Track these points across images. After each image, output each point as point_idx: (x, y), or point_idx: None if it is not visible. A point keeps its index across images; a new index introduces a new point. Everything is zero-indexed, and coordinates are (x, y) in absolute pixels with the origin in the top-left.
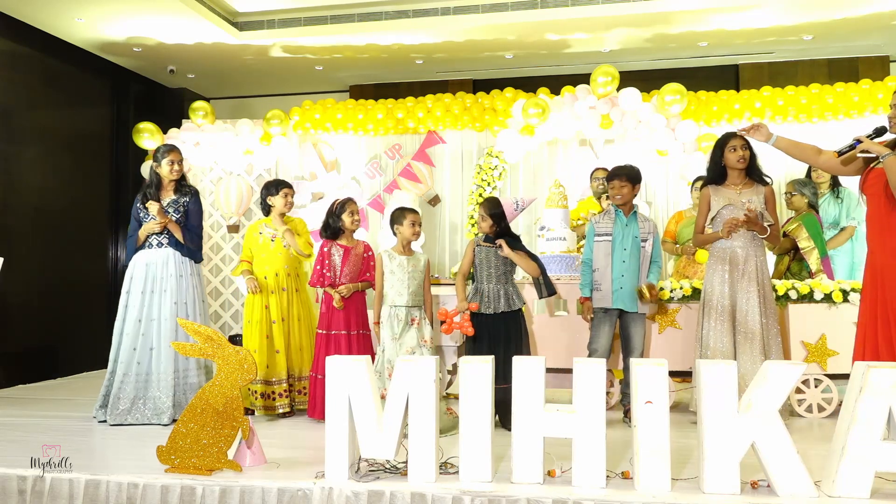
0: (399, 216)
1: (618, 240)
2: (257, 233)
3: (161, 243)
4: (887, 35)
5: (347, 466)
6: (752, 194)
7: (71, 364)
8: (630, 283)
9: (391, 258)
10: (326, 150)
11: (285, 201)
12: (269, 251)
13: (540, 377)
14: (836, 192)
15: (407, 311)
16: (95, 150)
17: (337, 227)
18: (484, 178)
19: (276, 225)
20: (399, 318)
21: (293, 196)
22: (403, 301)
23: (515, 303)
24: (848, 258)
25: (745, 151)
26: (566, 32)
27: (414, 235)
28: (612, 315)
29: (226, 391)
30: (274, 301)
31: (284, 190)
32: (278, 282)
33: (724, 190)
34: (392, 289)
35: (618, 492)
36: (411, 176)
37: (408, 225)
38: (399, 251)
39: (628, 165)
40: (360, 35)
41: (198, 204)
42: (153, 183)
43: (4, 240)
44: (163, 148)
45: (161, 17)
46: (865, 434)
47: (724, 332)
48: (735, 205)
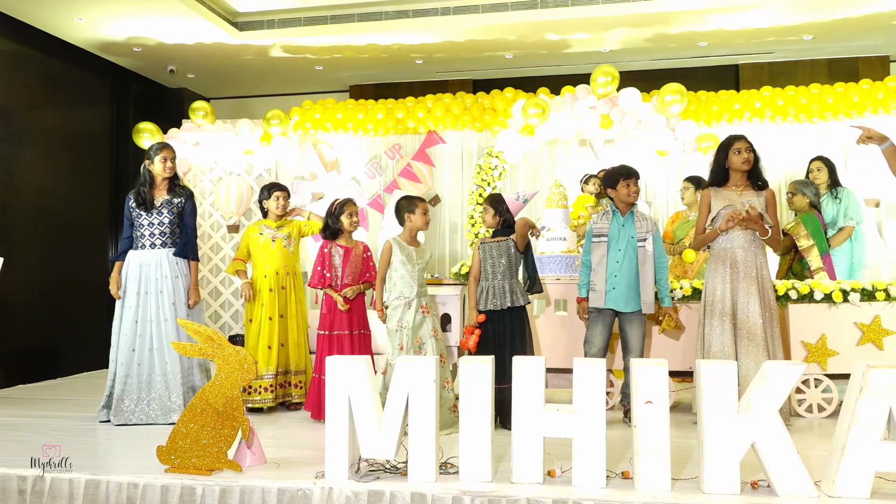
0: (409, 205)
1: (613, 240)
2: (257, 233)
3: (154, 244)
4: (887, 35)
5: (347, 466)
6: (753, 196)
7: (71, 364)
8: (624, 283)
9: (401, 248)
10: (326, 150)
11: (277, 203)
12: (269, 251)
13: (540, 377)
14: (833, 193)
15: (417, 300)
16: (95, 150)
17: (336, 229)
18: (484, 178)
19: (279, 222)
20: (410, 307)
21: (286, 199)
22: (413, 293)
23: (520, 299)
24: (847, 258)
25: (749, 154)
26: (566, 32)
27: (425, 225)
28: (605, 315)
29: (226, 391)
30: (272, 298)
31: (276, 193)
32: (278, 280)
33: (725, 192)
34: (401, 279)
35: (618, 492)
36: (411, 176)
37: (420, 214)
38: (408, 241)
39: (627, 165)
40: (360, 35)
41: (193, 205)
42: (146, 181)
43: (4, 240)
44: (156, 145)
45: (161, 17)
46: (865, 434)
47: (726, 332)
48: (735, 205)
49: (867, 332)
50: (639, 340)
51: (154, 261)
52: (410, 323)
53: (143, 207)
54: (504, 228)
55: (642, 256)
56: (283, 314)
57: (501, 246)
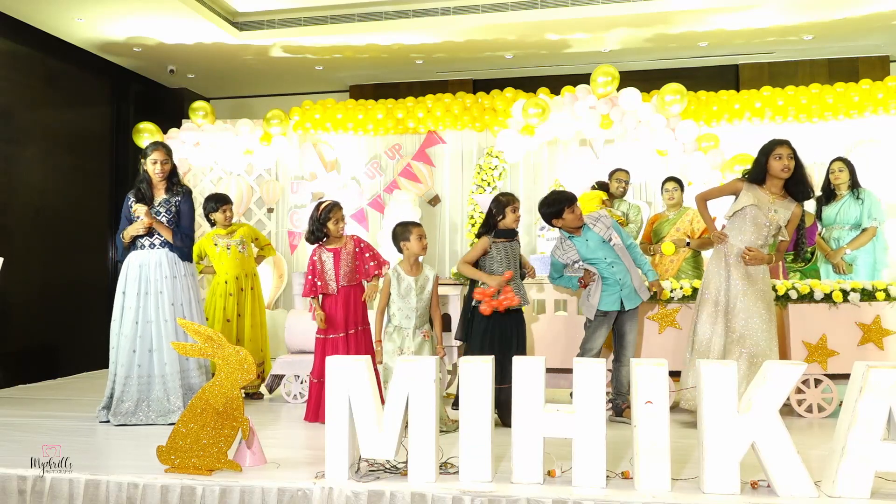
0: (404, 232)
1: (590, 255)
2: (212, 244)
3: (153, 244)
4: (887, 35)
5: (347, 466)
6: (781, 207)
7: (71, 364)
8: (627, 277)
9: (400, 280)
10: (326, 150)
11: (225, 216)
12: (226, 259)
13: (540, 377)
14: (855, 194)
15: (414, 331)
16: (95, 150)
17: (321, 235)
18: (484, 178)
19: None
20: (406, 335)
21: (231, 210)
22: (411, 324)
23: (525, 300)
24: (871, 257)
25: (791, 161)
26: (566, 32)
27: (423, 250)
28: (610, 318)
29: (226, 391)
30: (231, 302)
31: (223, 207)
32: (237, 284)
33: (759, 191)
34: (399, 311)
35: (618, 492)
36: (411, 176)
37: (415, 240)
38: (407, 270)
39: (558, 191)
40: (360, 35)
41: (189, 203)
42: (146, 180)
43: (4, 240)
44: (150, 146)
45: (161, 17)
46: (865, 434)
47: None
48: (761, 208)
49: (867, 332)
50: (635, 335)
51: (154, 261)
52: (411, 349)
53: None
54: (506, 231)
55: (620, 251)
56: (240, 313)
57: (513, 246)
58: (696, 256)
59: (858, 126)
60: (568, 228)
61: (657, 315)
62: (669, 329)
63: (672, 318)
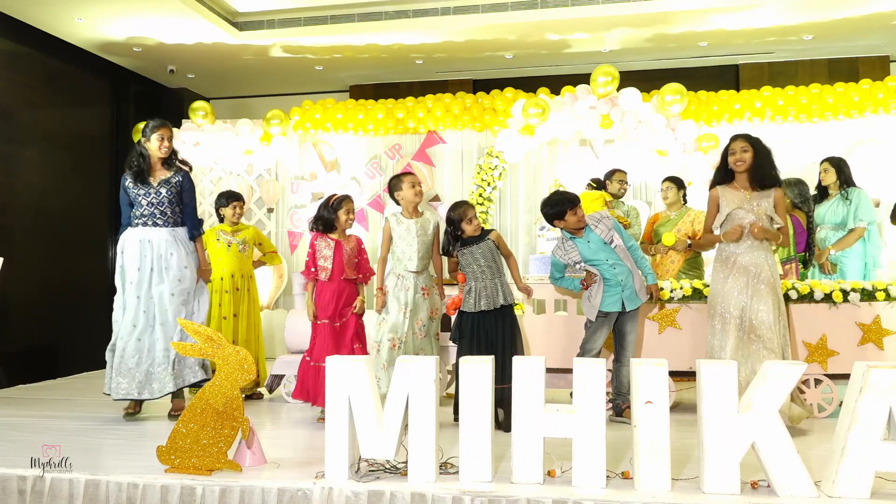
0: (396, 183)
1: (592, 256)
2: (214, 238)
3: (155, 223)
4: (887, 35)
5: (347, 466)
6: (761, 197)
7: (71, 364)
8: (629, 278)
9: (398, 222)
10: (326, 150)
11: (234, 212)
12: (225, 255)
13: (540, 377)
14: (844, 194)
15: (415, 278)
16: (95, 150)
17: (330, 221)
18: (484, 178)
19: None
20: (408, 287)
21: (242, 208)
22: (413, 266)
23: (509, 298)
24: (859, 260)
25: (744, 154)
26: (566, 32)
27: (416, 196)
28: (610, 318)
29: (226, 391)
30: (227, 300)
31: (234, 202)
32: (233, 282)
33: (733, 192)
34: (402, 254)
35: (618, 492)
36: None
37: (407, 188)
38: (406, 215)
39: (559, 192)
40: (360, 35)
41: (190, 181)
42: (145, 157)
43: (4, 240)
44: (152, 123)
45: (161, 17)
46: (865, 434)
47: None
48: (745, 207)
49: (867, 332)
50: (636, 336)
51: (154, 238)
52: (410, 304)
53: (141, 184)
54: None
55: (621, 252)
56: (236, 314)
57: (482, 247)
58: (696, 257)
59: (858, 126)
60: (569, 229)
61: (657, 315)
62: (669, 329)
63: (672, 318)
